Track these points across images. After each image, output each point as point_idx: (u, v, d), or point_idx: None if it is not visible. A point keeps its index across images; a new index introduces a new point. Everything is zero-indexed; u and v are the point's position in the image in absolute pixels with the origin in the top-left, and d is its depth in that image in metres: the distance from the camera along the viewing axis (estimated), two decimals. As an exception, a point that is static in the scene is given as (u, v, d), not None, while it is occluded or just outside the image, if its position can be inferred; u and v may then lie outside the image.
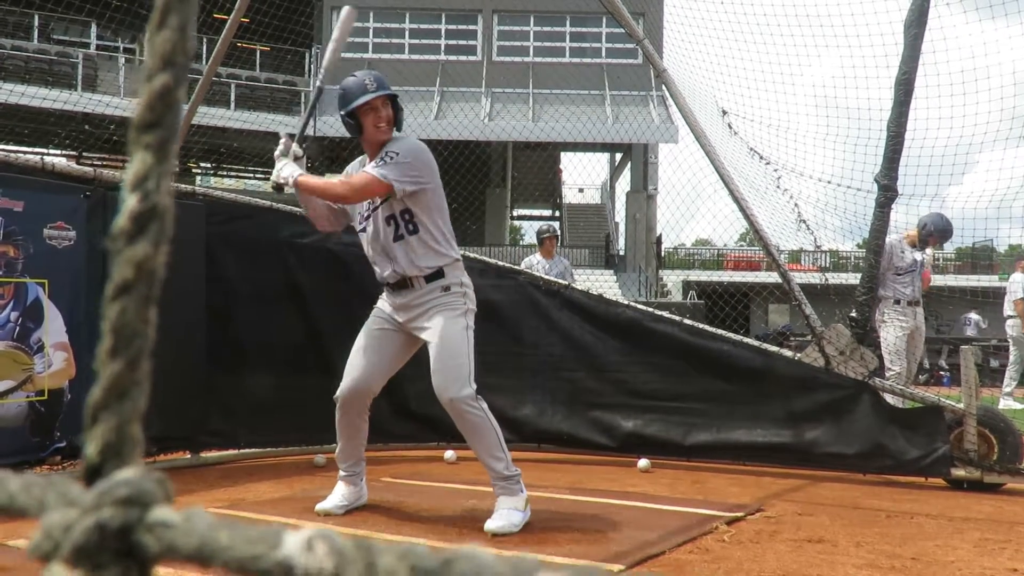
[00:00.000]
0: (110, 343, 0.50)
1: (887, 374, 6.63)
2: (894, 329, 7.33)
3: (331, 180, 4.04)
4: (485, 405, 3.94)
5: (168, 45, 0.52)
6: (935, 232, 7.41)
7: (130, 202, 0.51)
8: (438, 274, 4.01)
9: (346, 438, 4.24)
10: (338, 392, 4.16)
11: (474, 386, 3.92)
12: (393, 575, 0.43)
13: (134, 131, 0.51)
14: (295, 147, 4.05)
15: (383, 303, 4.19)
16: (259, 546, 0.44)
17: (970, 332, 20.34)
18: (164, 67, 0.52)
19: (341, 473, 4.30)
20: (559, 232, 9.90)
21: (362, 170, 3.99)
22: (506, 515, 3.86)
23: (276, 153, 4.03)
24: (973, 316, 20.94)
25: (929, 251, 7.75)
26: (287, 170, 3.95)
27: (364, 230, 4.10)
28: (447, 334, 3.95)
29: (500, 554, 0.45)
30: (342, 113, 4.00)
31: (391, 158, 3.90)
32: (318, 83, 4.21)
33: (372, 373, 4.13)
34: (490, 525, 3.81)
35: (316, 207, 4.14)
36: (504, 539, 3.70)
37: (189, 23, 0.52)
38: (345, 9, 4.17)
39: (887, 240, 7.20)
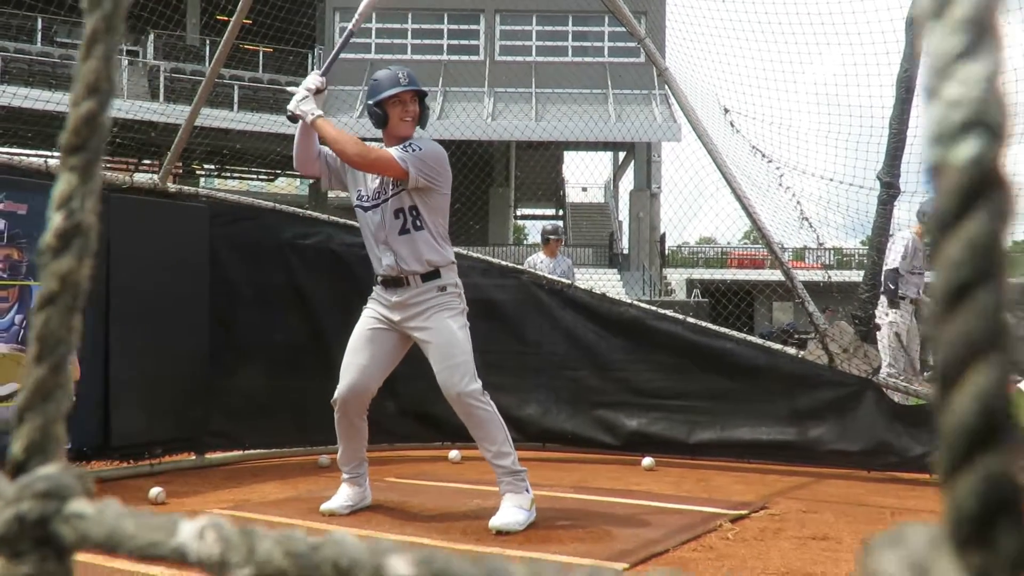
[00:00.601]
0: (36, 350, 0.54)
1: (887, 371, 6.62)
2: (894, 326, 7.32)
3: (349, 135, 4.03)
4: (491, 400, 3.97)
5: (93, 74, 0.55)
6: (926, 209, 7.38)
7: (55, 220, 0.55)
8: (435, 274, 4.04)
9: (346, 440, 4.25)
10: (336, 395, 4.17)
11: (479, 381, 3.96)
12: (270, 558, 0.46)
13: (61, 153, 0.55)
14: (320, 78, 4.05)
15: (375, 303, 4.19)
16: (158, 534, 0.48)
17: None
18: (89, 94, 0.55)
19: (344, 476, 4.31)
20: (563, 233, 9.88)
21: (384, 148, 4.04)
22: (511, 512, 3.87)
23: (303, 84, 4.03)
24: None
25: None
26: (307, 105, 3.96)
27: (366, 210, 4.11)
28: (449, 332, 3.98)
29: (517, 553, 0.46)
30: (370, 103, 4.08)
31: (415, 150, 3.98)
32: (350, 26, 4.26)
33: (369, 374, 4.14)
34: (494, 522, 3.82)
35: (309, 149, 4.11)
36: (508, 538, 3.71)
37: (114, 53, 0.55)
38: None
39: (905, 237, 7.22)
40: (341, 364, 4.21)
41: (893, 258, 7.21)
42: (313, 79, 4.03)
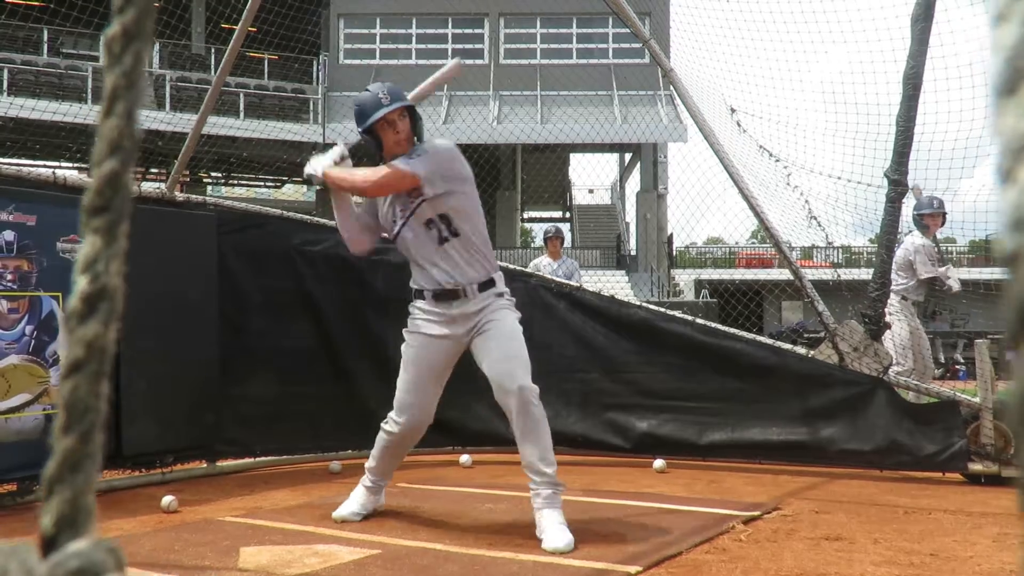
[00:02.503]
0: (63, 419, 0.53)
1: (896, 369, 6.60)
2: (904, 325, 7.30)
3: (356, 172, 3.92)
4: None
5: (115, 132, 0.54)
6: (923, 211, 7.34)
7: (80, 284, 0.53)
8: (490, 283, 3.92)
9: (390, 458, 4.20)
10: (392, 427, 4.05)
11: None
12: None
13: (84, 215, 0.54)
14: (340, 148, 4.02)
15: (426, 323, 3.96)
16: None
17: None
18: (112, 153, 0.54)
19: (367, 483, 4.25)
20: (563, 233, 9.88)
21: (391, 164, 3.86)
22: (560, 531, 3.64)
23: (332, 151, 4.03)
24: None
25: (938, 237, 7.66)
26: (316, 162, 3.95)
27: (400, 235, 3.94)
28: (514, 328, 3.87)
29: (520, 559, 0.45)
30: (360, 131, 3.91)
31: (418, 154, 3.84)
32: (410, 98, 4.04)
33: (431, 405, 4.03)
34: (549, 544, 3.56)
35: (348, 224, 4.05)
36: (520, 541, 3.69)
37: (136, 109, 0.54)
38: (454, 61, 4.18)
39: (925, 245, 7.23)
40: (352, 369, 4.18)
41: (923, 269, 7.23)
42: (339, 149, 4.01)
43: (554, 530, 3.64)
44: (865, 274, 6.65)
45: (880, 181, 5.66)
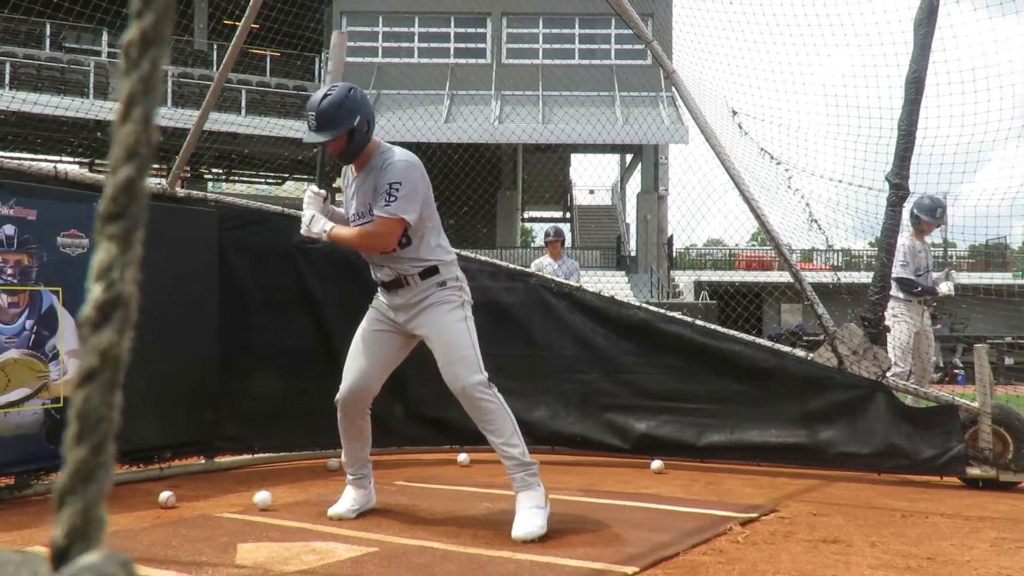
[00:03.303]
0: (76, 429, 0.52)
1: (895, 371, 6.60)
2: (905, 327, 7.28)
3: (357, 232, 4.01)
4: (498, 392, 3.94)
5: (132, 137, 0.53)
6: (922, 216, 7.28)
7: (95, 291, 0.52)
8: (433, 271, 4.02)
9: (350, 439, 4.25)
10: (338, 395, 4.18)
11: (485, 373, 3.92)
12: None
13: (99, 222, 0.53)
14: (317, 191, 4.11)
15: (379, 303, 4.20)
16: None
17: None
18: (128, 159, 0.53)
19: (349, 478, 4.31)
20: (565, 234, 9.89)
21: (377, 215, 3.90)
22: (529, 518, 3.79)
23: (305, 203, 4.11)
24: None
25: (934, 237, 7.60)
26: (317, 226, 4.01)
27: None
28: (447, 327, 3.97)
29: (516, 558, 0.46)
30: (327, 168, 4.16)
31: (396, 192, 3.85)
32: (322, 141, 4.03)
33: (370, 374, 4.14)
34: (517, 533, 3.73)
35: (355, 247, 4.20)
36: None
37: (153, 115, 0.53)
38: (335, 34, 4.22)
39: (903, 244, 7.18)
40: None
41: (894, 268, 7.17)
42: (310, 198, 4.08)
43: (522, 516, 3.81)
44: (865, 277, 6.64)
45: (881, 185, 5.66)
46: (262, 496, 4.41)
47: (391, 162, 3.93)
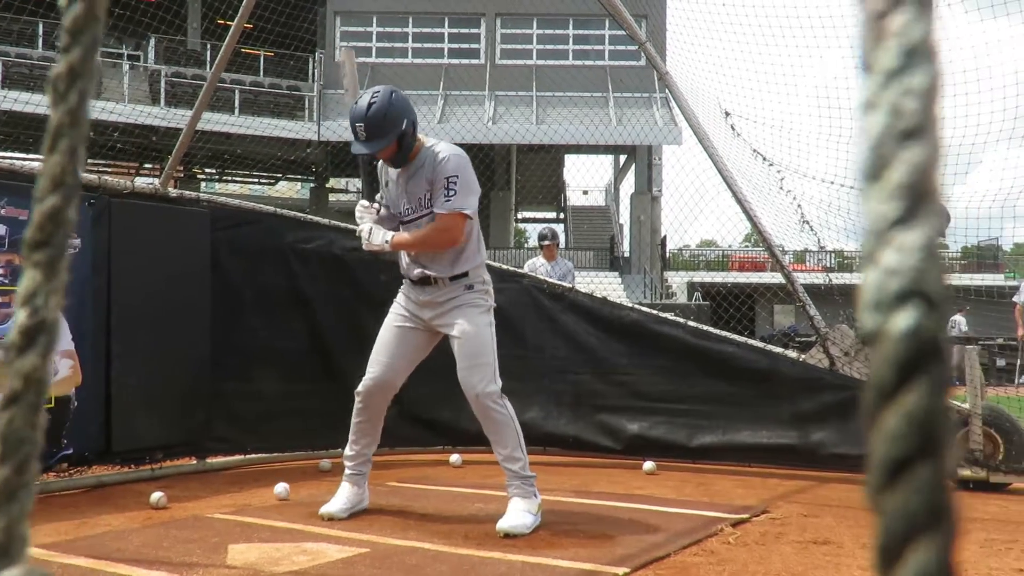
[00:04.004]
0: None
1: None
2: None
3: (422, 234, 4.01)
4: (509, 404, 3.99)
5: (58, 168, 0.54)
6: None
7: (20, 317, 0.53)
8: (462, 275, 4.06)
9: (360, 434, 4.24)
10: (361, 386, 4.19)
11: (499, 383, 3.98)
12: None
13: (25, 249, 0.54)
14: (367, 204, 4.14)
15: (405, 299, 4.21)
16: None
17: (954, 334, 19.99)
18: (54, 189, 0.54)
19: (347, 472, 4.29)
20: (559, 236, 9.85)
21: (439, 212, 3.94)
22: (518, 515, 3.88)
23: (357, 217, 4.14)
24: (957, 318, 20.52)
25: None
26: (378, 238, 4.04)
27: (406, 225, 4.12)
28: (474, 331, 4.00)
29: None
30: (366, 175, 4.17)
31: (455, 186, 3.91)
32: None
33: (396, 368, 4.17)
34: (502, 524, 3.83)
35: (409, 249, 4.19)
36: (510, 542, 3.70)
37: (79, 146, 0.54)
38: (342, 52, 4.25)
39: None
40: (344, 367, 4.26)
41: None
42: (362, 211, 4.13)
43: (511, 513, 3.88)
44: (857, 279, 6.65)
45: (873, 186, 5.67)
46: (281, 487, 4.54)
47: (443, 156, 3.98)
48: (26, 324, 0.53)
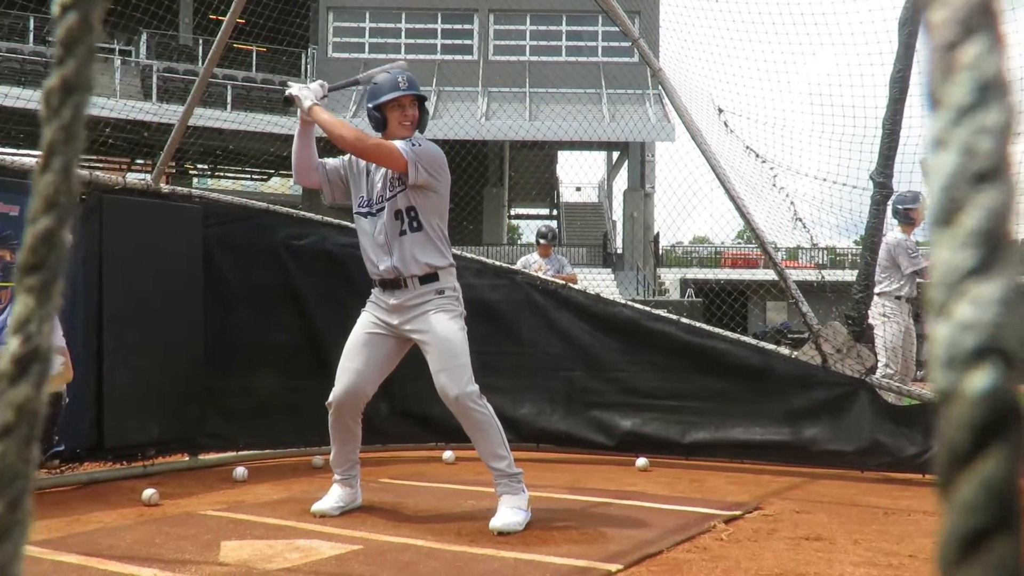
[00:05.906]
0: None
1: (884, 371, 6.62)
2: (894, 326, 7.25)
3: (345, 122, 4.09)
4: (488, 403, 3.99)
5: (52, 188, 0.51)
6: (907, 205, 7.19)
7: (12, 345, 0.50)
8: (433, 277, 4.05)
9: (340, 443, 4.25)
10: (331, 397, 4.17)
11: (476, 384, 3.97)
12: None
13: (18, 273, 0.51)
14: (324, 83, 4.17)
15: (373, 306, 4.19)
16: None
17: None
18: (48, 210, 0.51)
19: (336, 477, 4.31)
20: (556, 234, 9.83)
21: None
22: (509, 513, 3.88)
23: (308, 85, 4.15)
24: None
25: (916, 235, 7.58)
26: (305, 93, 4.04)
27: (367, 216, 4.13)
28: (448, 334, 3.99)
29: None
30: (369, 106, 4.11)
31: (417, 145, 4.02)
32: (360, 76, 4.34)
33: (364, 377, 4.14)
34: (494, 523, 3.82)
35: (308, 158, 4.17)
36: (502, 539, 3.70)
37: (73, 164, 0.52)
38: (399, 64, 4.32)
39: (907, 243, 7.15)
40: (337, 365, 4.21)
41: (908, 262, 7.08)
42: (319, 87, 4.13)
43: (503, 512, 3.88)
44: (849, 276, 6.67)
45: (865, 183, 5.69)
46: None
47: (422, 142, 4.10)
48: (19, 352, 0.50)
